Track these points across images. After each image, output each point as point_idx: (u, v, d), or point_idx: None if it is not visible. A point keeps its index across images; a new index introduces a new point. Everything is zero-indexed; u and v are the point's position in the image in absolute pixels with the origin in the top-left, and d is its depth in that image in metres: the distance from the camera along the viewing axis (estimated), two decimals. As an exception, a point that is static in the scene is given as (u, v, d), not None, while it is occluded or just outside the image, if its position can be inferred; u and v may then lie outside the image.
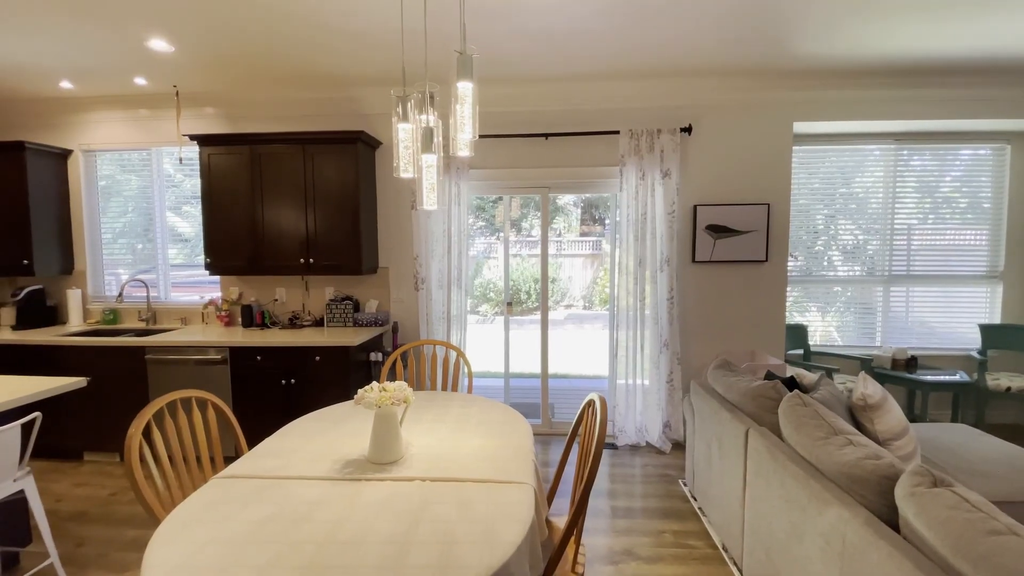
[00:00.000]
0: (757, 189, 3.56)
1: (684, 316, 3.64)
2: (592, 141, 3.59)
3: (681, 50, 2.95)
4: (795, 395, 1.85)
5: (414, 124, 1.82)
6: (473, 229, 4.06)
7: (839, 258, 4.10)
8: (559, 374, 5.76)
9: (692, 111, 3.53)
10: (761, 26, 2.65)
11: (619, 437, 3.58)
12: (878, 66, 3.24)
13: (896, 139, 3.89)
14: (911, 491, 1.23)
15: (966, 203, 3.97)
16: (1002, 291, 3.96)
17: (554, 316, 8.52)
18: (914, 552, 1.17)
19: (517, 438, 1.88)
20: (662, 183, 3.45)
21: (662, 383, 3.54)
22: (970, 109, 3.51)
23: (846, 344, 4.10)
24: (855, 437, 1.57)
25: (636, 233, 3.49)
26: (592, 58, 3.06)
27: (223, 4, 2.38)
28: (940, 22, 2.61)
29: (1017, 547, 1.00)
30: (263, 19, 2.53)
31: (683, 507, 2.73)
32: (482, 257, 8.72)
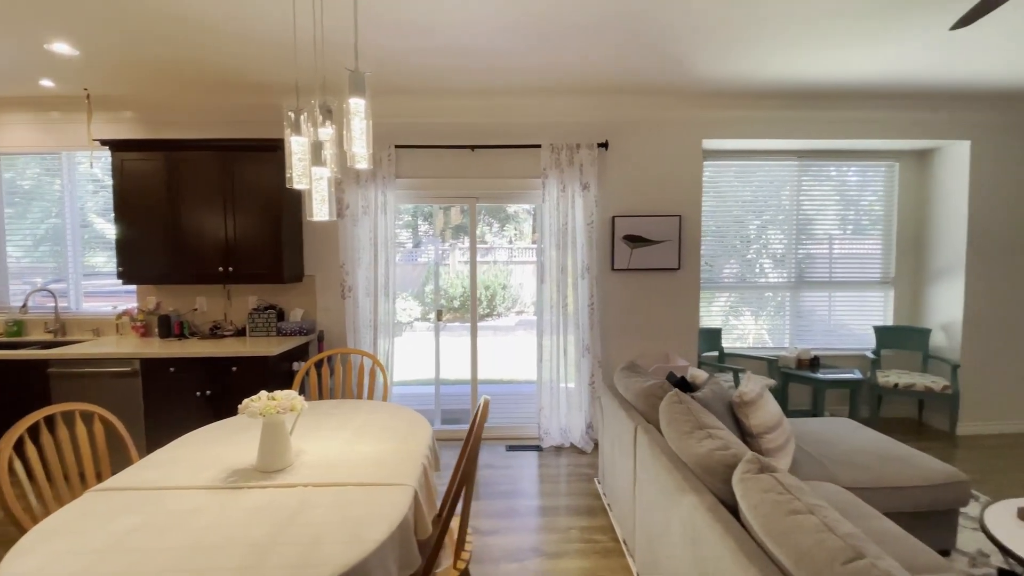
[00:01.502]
0: (670, 201, 3.77)
1: (605, 321, 3.80)
2: (516, 154, 3.71)
3: (593, 69, 3.12)
4: (674, 393, 1.99)
5: (309, 137, 1.86)
6: (427, 237, 4.10)
7: (769, 265, 4.40)
8: (495, 379, 5.83)
9: (609, 127, 3.71)
10: (662, 50, 2.84)
11: (544, 439, 3.69)
12: (778, 89, 3.53)
13: (798, 156, 4.21)
14: (740, 477, 1.37)
15: (862, 216, 4.35)
16: (893, 296, 4.34)
17: (506, 322, 8.62)
18: (738, 532, 1.30)
19: (414, 443, 1.93)
20: (582, 195, 3.61)
21: (584, 385, 3.68)
22: (862, 130, 3.86)
23: (764, 346, 4.37)
24: (716, 431, 1.72)
25: (559, 242, 3.63)
26: (512, 74, 3.18)
27: (118, 8, 2.35)
28: (830, 51, 2.88)
29: (810, 525, 1.14)
30: (161, 24, 2.51)
31: (594, 504, 2.85)
32: (433, 264, 8.78)
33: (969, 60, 3.01)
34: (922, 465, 2.32)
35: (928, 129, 3.83)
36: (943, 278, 4.07)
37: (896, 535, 1.78)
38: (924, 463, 2.34)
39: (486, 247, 8.57)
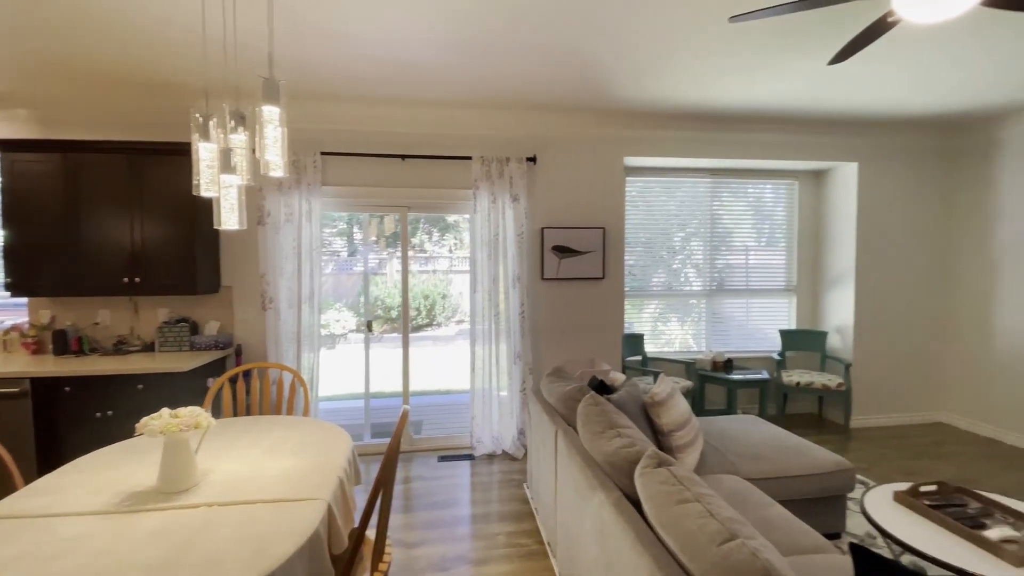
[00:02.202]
0: (595, 214, 3.95)
1: (535, 329, 3.90)
2: (448, 165, 3.75)
3: (522, 87, 3.22)
4: (590, 396, 2.09)
5: (218, 143, 1.81)
6: (363, 245, 4.01)
7: (693, 274, 4.68)
8: (434, 390, 5.79)
9: (537, 142, 3.85)
10: (587, 74, 3.00)
11: (477, 448, 3.71)
12: (691, 112, 3.80)
13: (711, 174, 4.55)
14: (640, 471, 1.47)
15: (776, 229, 4.75)
16: (796, 302, 4.76)
17: (446, 332, 8.54)
18: (638, 524, 1.39)
19: (331, 457, 1.90)
20: (512, 207, 3.70)
21: (516, 392, 3.74)
22: (765, 151, 4.23)
23: (689, 350, 4.64)
24: (625, 430, 1.82)
25: (491, 252, 3.69)
26: (442, 87, 3.22)
27: (10, 0, 2.17)
28: (733, 80, 3.15)
29: (694, 511, 1.24)
30: (51, 15, 2.34)
31: (522, 508, 2.90)
32: (365, 273, 8.57)
33: (849, 91, 3.39)
34: (813, 456, 2.56)
35: (821, 152, 4.27)
36: (837, 285, 4.53)
37: (786, 519, 1.96)
38: (815, 454, 2.58)
39: (425, 256, 8.47)
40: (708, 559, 1.09)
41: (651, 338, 4.63)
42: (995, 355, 4.09)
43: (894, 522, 2.02)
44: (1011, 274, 3.98)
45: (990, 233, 4.13)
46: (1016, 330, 3.94)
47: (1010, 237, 3.98)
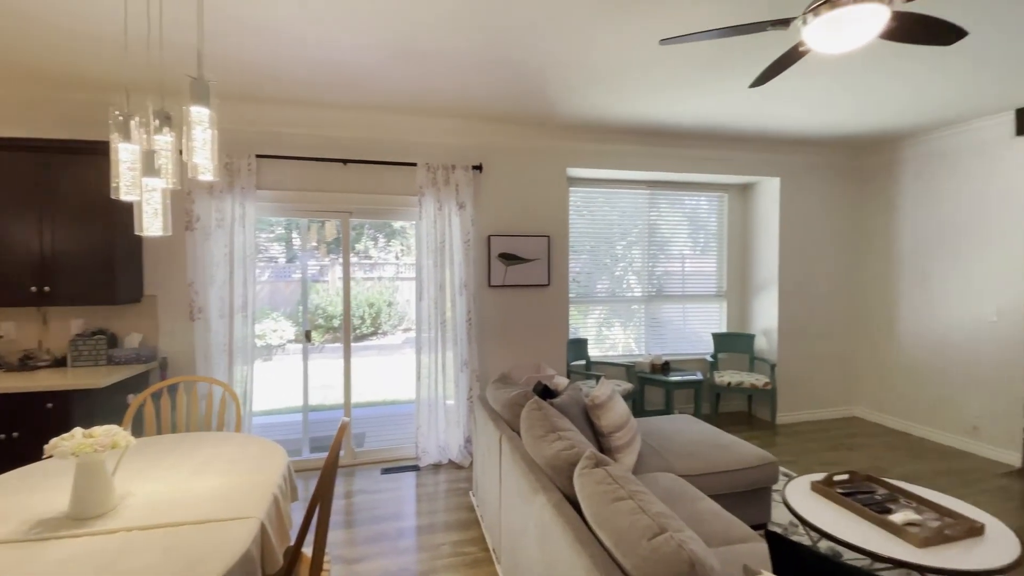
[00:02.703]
0: (540, 222, 4.03)
1: (482, 336, 3.91)
2: (392, 170, 3.71)
3: (467, 97, 3.25)
4: (533, 401, 2.13)
5: (141, 143, 1.71)
6: (304, 251, 3.85)
7: (634, 280, 4.86)
8: (379, 401, 5.66)
9: (483, 151, 3.88)
10: (531, 87, 3.07)
11: (422, 458, 3.66)
12: (630, 127, 3.97)
13: (648, 186, 4.76)
14: (579, 472, 1.52)
15: (711, 238, 5.03)
16: (726, 307, 5.06)
17: (392, 341, 8.35)
18: (576, 523, 1.44)
19: (264, 473, 1.82)
20: (458, 214, 3.71)
21: (463, 400, 3.73)
22: (697, 165, 4.48)
23: (631, 353, 4.81)
24: (566, 433, 1.87)
25: (437, 259, 3.67)
26: (386, 93, 3.19)
27: None
28: (666, 98, 3.32)
29: (627, 508, 1.30)
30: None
31: (468, 516, 2.90)
32: (304, 281, 8.28)
33: (771, 112, 3.67)
34: (742, 451, 2.73)
35: (747, 167, 4.58)
36: (763, 291, 4.85)
37: (716, 513, 2.08)
38: (743, 450, 2.75)
39: (371, 262, 8.26)
40: (639, 553, 1.14)
41: (596, 343, 4.76)
42: (899, 355, 4.53)
43: (811, 510, 2.19)
44: (910, 281, 4.42)
45: (893, 244, 4.58)
46: (915, 332, 4.38)
47: (909, 247, 4.43)
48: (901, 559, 1.82)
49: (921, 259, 4.33)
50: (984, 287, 3.86)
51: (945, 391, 4.14)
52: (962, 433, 4.01)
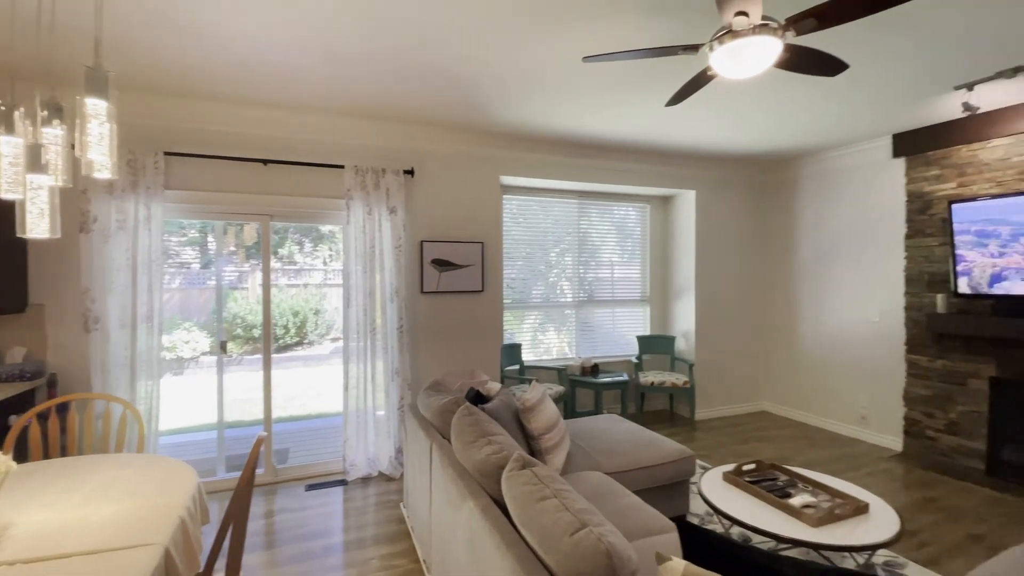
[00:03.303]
0: (473, 229, 4.05)
1: (415, 343, 3.86)
2: (318, 172, 3.57)
3: (397, 101, 3.21)
4: (464, 407, 2.13)
5: (25, 137, 1.54)
6: (220, 256, 3.58)
7: (567, 286, 4.98)
8: (304, 415, 5.40)
9: (415, 155, 3.85)
10: (463, 95, 3.08)
11: (350, 471, 3.53)
12: (560, 139, 4.10)
13: (579, 196, 4.93)
14: (506, 475, 1.54)
15: (631, 246, 5.27)
16: (649, 311, 5.34)
17: (319, 351, 7.96)
18: (504, 526, 1.46)
19: (170, 496, 1.68)
20: (389, 219, 3.64)
21: (394, 410, 3.65)
22: (623, 177, 4.70)
23: (565, 357, 4.92)
24: (496, 437, 1.89)
25: (366, 265, 3.58)
26: (311, 92, 3.08)
27: None
28: (593, 112, 3.45)
29: (551, 507, 1.34)
30: None
31: (399, 529, 2.83)
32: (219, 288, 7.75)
33: (687, 129, 3.93)
34: (663, 447, 2.88)
35: (666, 180, 4.87)
36: (682, 296, 5.17)
37: (638, 507, 2.18)
38: (664, 445, 2.90)
39: (296, 268, 7.86)
40: (561, 550, 1.18)
41: (531, 347, 4.84)
42: (800, 353, 4.99)
43: (722, 499, 2.35)
44: (808, 286, 4.90)
45: (794, 253, 5.05)
46: (813, 332, 4.85)
47: (806, 256, 4.91)
48: (798, 538, 2.01)
49: (817, 267, 4.81)
50: (868, 291, 4.36)
51: (838, 385, 4.61)
52: (853, 422, 4.49)
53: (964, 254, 3.52)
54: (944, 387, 3.79)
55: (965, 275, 3.52)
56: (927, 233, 3.90)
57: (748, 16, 1.79)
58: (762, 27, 1.85)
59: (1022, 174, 3.37)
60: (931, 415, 3.88)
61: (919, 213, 3.95)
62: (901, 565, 2.46)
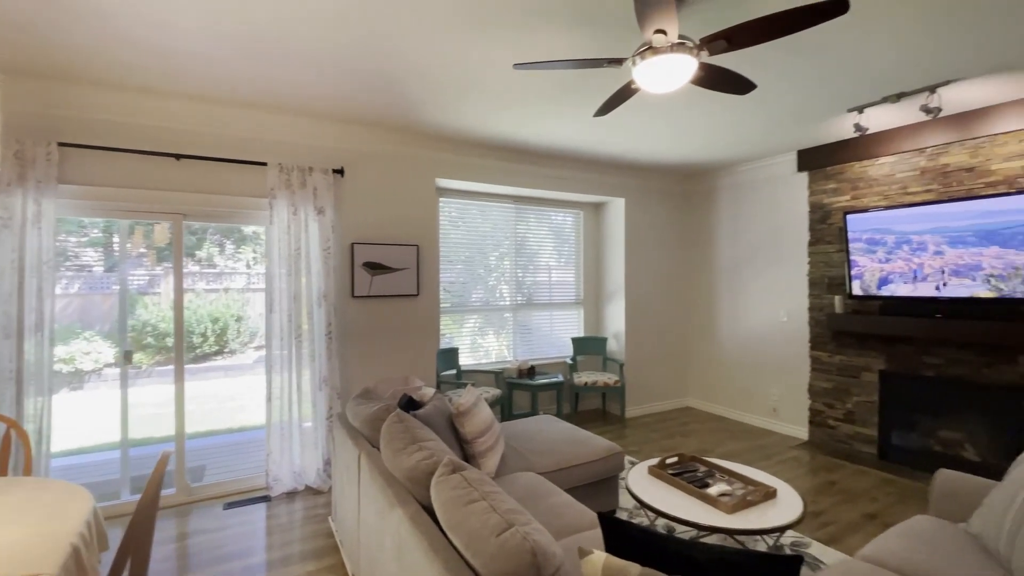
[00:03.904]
0: (408, 231, 3.98)
1: (345, 350, 3.72)
2: (237, 169, 3.37)
3: (327, 97, 3.09)
4: (395, 415, 2.08)
5: None
6: (129, 258, 3.24)
7: (507, 289, 5.00)
8: (224, 429, 5.05)
9: (345, 154, 3.73)
10: (396, 94, 3.02)
11: (274, 487, 3.34)
12: (496, 143, 4.13)
13: (515, 201, 4.99)
14: (435, 481, 1.53)
15: (568, 251, 5.40)
16: (583, 313, 5.49)
17: (242, 360, 7.48)
18: (432, 532, 1.44)
19: (62, 522, 1.52)
20: (317, 220, 3.50)
21: (322, 421, 3.50)
22: (557, 184, 4.81)
23: (504, 360, 4.94)
24: (427, 443, 1.86)
25: (291, 268, 3.41)
26: (232, 85, 2.90)
27: None
28: (528, 119, 3.50)
29: (479, 509, 1.34)
30: None
31: (326, 543, 2.72)
32: (136, 292, 7.07)
33: (616, 140, 4.10)
34: (593, 445, 2.97)
35: (598, 188, 5.04)
36: (613, 299, 5.36)
37: (569, 505, 2.23)
38: (595, 443, 2.99)
39: (216, 272, 7.36)
40: (487, 551, 1.19)
41: (470, 351, 4.82)
42: (719, 351, 5.32)
43: (647, 492, 2.46)
44: (726, 289, 5.25)
45: (713, 258, 5.39)
46: (730, 332, 5.20)
47: (725, 261, 5.26)
48: (715, 525, 2.14)
49: (734, 271, 5.16)
50: (778, 294, 4.73)
51: (753, 380, 4.97)
52: (765, 415, 4.85)
53: (857, 259, 3.92)
54: (842, 380, 4.20)
55: (858, 278, 3.92)
56: (826, 241, 4.30)
57: (666, 34, 1.90)
58: (679, 45, 1.97)
59: (904, 189, 3.80)
60: (831, 406, 4.28)
61: (820, 223, 4.36)
62: (806, 544, 2.68)
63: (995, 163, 3.33)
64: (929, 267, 3.52)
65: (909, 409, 3.83)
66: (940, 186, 3.60)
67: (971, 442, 3.52)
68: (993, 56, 2.59)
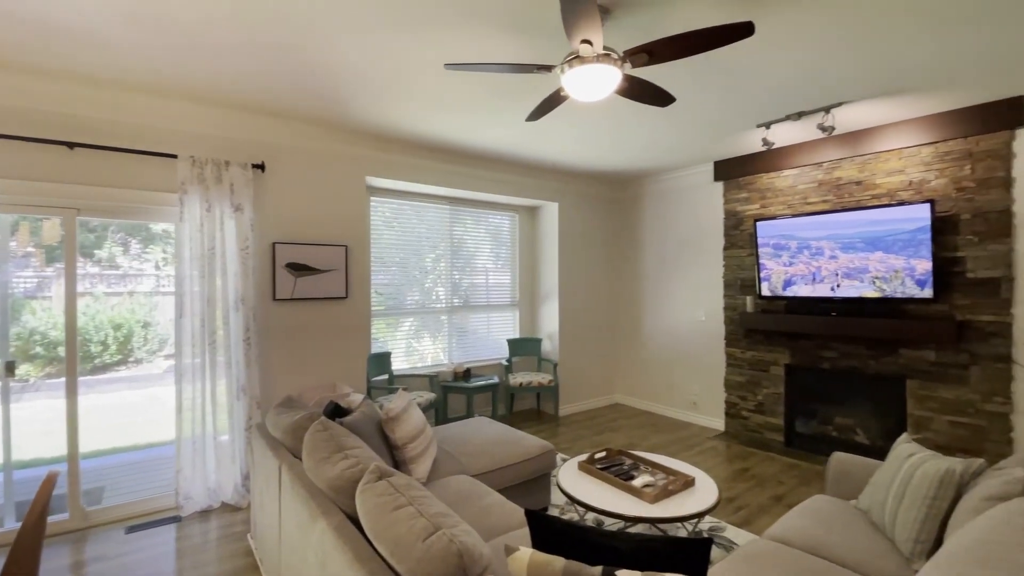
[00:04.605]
0: (336, 231, 3.83)
1: (266, 357, 3.52)
2: (144, 161, 3.09)
3: (242, 85, 2.91)
4: (319, 423, 2.00)
5: None
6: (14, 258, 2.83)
7: (443, 292, 4.93)
8: (128, 446, 4.60)
9: (266, 149, 3.53)
10: (322, 88, 2.90)
11: (185, 506, 3.09)
12: (430, 143, 4.07)
13: (450, 202, 4.96)
14: (361, 489, 1.48)
15: (506, 253, 5.43)
16: (518, 315, 5.56)
17: (150, 370, 6.83)
18: (357, 542, 1.39)
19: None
20: (233, 217, 3.28)
21: (240, 433, 3.28)
22: (493, 187, 4.83)
23: (440, 363, 4.86)
24: (352, 451, 1.80)
25: (204, 269, 3.17)
26: (137, 67, 2.65)
27: None
28: (462, 120, 3.48)
29: (406, 515, 1.31)
30: None
31: (245, 562, 2.55)
32: (23, 296, 6.26)
33: (549, 145, 4.18)
34: (526, 444, 3.00)
35: (533, 192, 5.13)
36: (547, 300, 5.47)
37: (501, 504, 2.24)
38: (528, 443, 3.03)
39: (119, 273, 6.70)
40: (414, 556, 1.17)
41: (405, 355, 4.71)
42: (644, 349, 5.58)
43: (577, 487, 2.53)
44: (652, 291, 5.52)
45: (640, 261, 5.65)
46: (654, 330, 5.47)
47: (651, 264, 5.53)
48: (639, 515, 2.24)
49: (659, 273, 5.44)
50: (697, 294, 5.04)
51: (675, 376, 5.26)
52: (687, 408, 5.14)
53: (765, 263, 4.26)
54: (753, 374, 4.54)
55: (766, 280, 4.26)
56: (739, 246, 4.64)
57: (592, 45, 1.97)
58: (604, 56, 2.05)
59: (805, 199, 4.19)
60: (744, 398, 4.61)
61: (733, 229, 4.69)
62: (722, 528, 2.87)
63: (879, 177, 3.76)
64: (826, 270, 3.90)
65: (810, 399, 4.22)
66: (834, 197, 4.00)
67: (861, 427, 3.94)
68: (879, 82, 2.91)
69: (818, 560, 1.81)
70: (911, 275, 3.46)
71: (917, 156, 3.57)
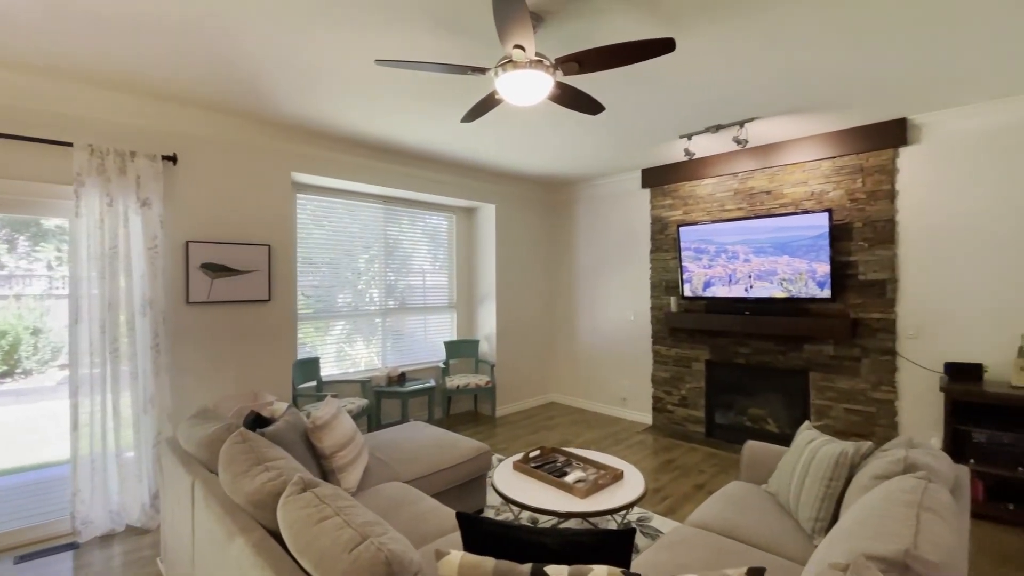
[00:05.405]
0: (258, 230, 3.62)
1: (179, 365, 3.25)
2: (31, 149, 2.76)
3: (148, 68, 2.67)
4: (237, 434, 1.87)
5: None
6: None
7: (377, 294, 4.77)
8: (13, 468, 4.07)
9: (179, 140, 3.26)
10: (240, 76, 2.72)
11: (83, 531, 2.78)
12: (361, 139, 3.94)
13: (384, 201, 4.84)
14: (283, 501, 1.40)
15: (444, 255, 5.36)
16: (456, 317, 5.52)
17: (42, 382, 6.10)
18: (279, 559, 1.32)
19: None
20: (140, 213, 3.01)
21: (148, 448, 3.01)
22: (429, 187, 4.76)
23: (374, 367, 4.70)
24: (275, 463, 1.71)
25: (105, 270, 2.88)
26: (26, 45, 2.35)
27: None
28: (396, 116, 3.40)
29: (332, 526, 1.26)
30: None
31: (153, 590, 2.34)
32: None
33: (486, 147, 4.19)
34: (461, 447, 2.98)
35: (470, 193, 5.11)
36: (485, 301, 5.48)
37: (435, 509, 2.21)
38: (463, 445, 3.01)
39: (3, 274, 5.97)
40: (340, 569, 1.12)
41: (336, 360, 4.52)
42: (578, 348, 5.74)
43: (511, 486, 2.55)
44: (585, 292, 5.68)
45: (573, 263, 5.81)
46: (587, 330, 5.64)
47: (584, 266, 5.69)
48: (570, 511, 2.30)
49: (592, 275, 5.61)
50: (627, 295, 5.26)
51: (606, 374, 5.45)
52: (617, 404, 5.34)
53: (687, 265, 4.52)
54: (677, 370, 4.80)
55: (688, 282, 4.52)
56: (664, 249, 4.90)
57: (525, 50, 2.00)
58: (536, 62, 2.08)
59: (722, 206, 4.48)
60: (669, 393, 4.87)
61: (659, 233, 4.94)
62: (649, 518, 3.01)
63: (786, 188, 4.10)
64: (740, 272, 4.20)
65: (728, 392, 4.52)
66: (748, 205, 4.32)
67: (772, 417, 4.28)
68: (786, 100, 3.18)
69: (733, 542, 1.94)
70: (813, 277, 3.81)
71: (818, 169, 3.94)
